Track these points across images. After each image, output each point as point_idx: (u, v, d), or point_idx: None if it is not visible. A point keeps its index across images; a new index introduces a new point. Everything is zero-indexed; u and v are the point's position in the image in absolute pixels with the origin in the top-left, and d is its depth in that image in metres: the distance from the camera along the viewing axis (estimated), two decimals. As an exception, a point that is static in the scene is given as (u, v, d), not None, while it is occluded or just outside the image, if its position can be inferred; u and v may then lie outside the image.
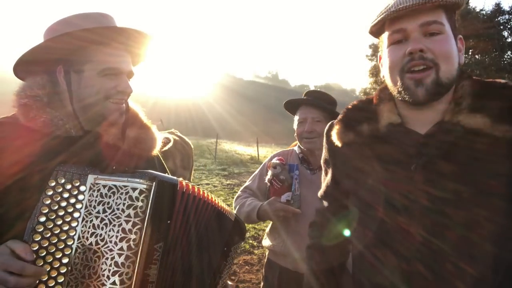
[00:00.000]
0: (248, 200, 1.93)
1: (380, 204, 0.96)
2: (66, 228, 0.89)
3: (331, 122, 1.14)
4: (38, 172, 0.92)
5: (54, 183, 0.90)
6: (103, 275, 0.86)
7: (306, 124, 1.89)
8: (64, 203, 0.90)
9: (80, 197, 0.91)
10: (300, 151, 2.00)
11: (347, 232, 1.13)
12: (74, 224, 0.90)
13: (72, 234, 0.89)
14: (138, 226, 0.89)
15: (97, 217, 0.90)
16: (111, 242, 0.88)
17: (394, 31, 0.93)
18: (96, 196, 0.91)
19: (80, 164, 0.95)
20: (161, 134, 1.28)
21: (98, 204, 0.90)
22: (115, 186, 0.91)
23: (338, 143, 1.07)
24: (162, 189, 0.93)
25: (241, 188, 2.12)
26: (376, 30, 1.01)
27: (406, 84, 0.91)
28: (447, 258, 0.85)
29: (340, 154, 1.09)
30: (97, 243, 0.88)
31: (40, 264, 0.85)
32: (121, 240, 0.88)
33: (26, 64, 1.04)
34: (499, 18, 23.25)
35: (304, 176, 1.90)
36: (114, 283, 0.86)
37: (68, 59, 1.03)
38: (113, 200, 0.90)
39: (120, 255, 0.87)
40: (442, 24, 0.89)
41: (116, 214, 0.89)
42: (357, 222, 1.06)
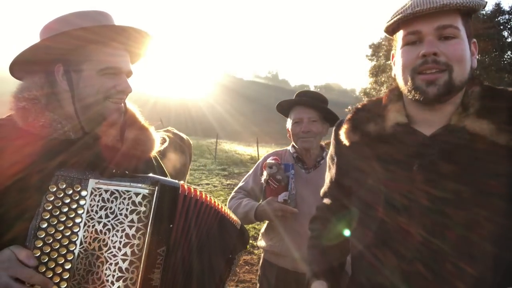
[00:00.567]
0: (244, 201, 1.93)
1: (380, 204, 0.96)
2: (68, 233, 0.88)
3: (340, 120, 1.16)
4: (38, 172, 0.92)
5: (55, 188, 0.89)
6: (107, 281, 0.86)
7: (302, 124, 1.91)
8: (66, 209, 0.89)
9: (82, 202, 0.90)
10: (295, 151, 2.01)
11: (347, 232, 1.13)
12: (76, 229, 0.89)
13: (74, 239, 0.88)
14: (142, 231, 0.89)
15: (99, 222, 0.89)
16: (114, 247, 0.88)
17: (409, 32, 0.93)
18: (98, 201, 0.90)
19: (80, 165, 0.95)
20: (157, 133, 1.28)
21: (100, 209, 0.90)
22: (117, 191, 0.91)
23: (346, 142, 1.08)
24: (164, 193, 0.93)
25: (235, 189, 2.11)
26: (391, 29, 1.01)
27: (417, 84, 0.91)
28: (447, 258, 0.85)
29: (345, 153, 1.11)
30: (100, 248, 0.88)
31: (42, 270, 0.85)
32: (124, 245, 0.88)
33: (23, 64, 1.03)
34: (499, 18, 23.25)
35: (299, 176, 1.91)
36: None
37: (67, 59, 1.02)
38: (115, 205, 0.90)
39: (124, 261, 0.87)
40: (457, 29, 0.89)
41: (119, 219, 0.89)
42: (357, 222, 1.06)
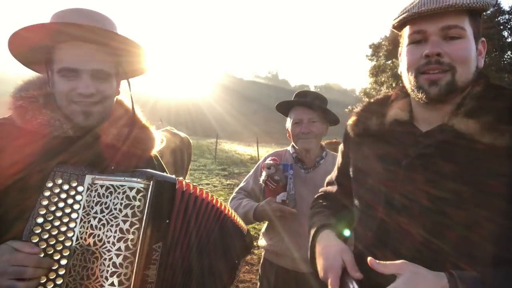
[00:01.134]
0: (244, 201, 1.94)
1: (380, 204, 0.96)
2: (64, 229, 0.88)
3: (354, 112, 1.19)
4: (38, 172, 0.92)
5: (51, 183, 0.89)
6: (102, 276, 0.85)
7: (302, 124, 1.91)
8: (62, 204, 0.89)
9: (78, 197, 0.90)
10: (294, 151, 2.02)
11: (347, 232, 1.13)
12: (72, 225, 0.89)
13: (70, 235, 0.88)
14: (136, 226, 0.88)
15: (95, 217, 0.89)
16: (109, 242, 0.87)
17: (414, 31, 0.93)
18: (94, 197, 0.90)
19: (80, 165, 0.95)
20: (158, 132, 1.28)
21: (96, 205, 0.89)
22: (112, 185, 0.90)
23: (351, 133, 1.13)
24: (160, 188, 0.92)
25: (235, 190, 2.13)
26: (399, 25, 1.01)
27: (420, 83, 0.92)
28: (447, 258, 0.85)
29: (352, 143, 1.15)
30: (95, 243, 0.87)
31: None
32: (118, 240, 0.86)
33: (28, 65, 1.04)
34: (499, 18, 23.25)
35: (299, 176, 1.92)
36: (112, 284, 0.85)
37: (49, 58, 1.02)
38: (110, 200, 0.89)
39: (118, 256, 0.86)
40: (463, 29, 0.89)
41: (113, 214, 0.88)
42: (357, 222, 1.06)
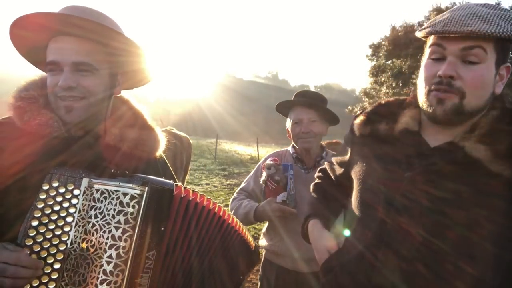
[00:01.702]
0: (245, 202, 1.94)
1: (380, 204, 0.96)
2: (59, 232, 0.87)
3: (362, 111, 1.18)
4: (38, 172, 0.92)
5: (47, 186, 0.88)
6: (92, 283, 0.83)
7: (302, 124, 1.91)
8: (58, 207, 0.87)
9: (74, 201, 0.88)
10: (294, 151, 2.02)
11: (347, 232, 1.13)
12: (67, 228, 0.87)
13: (65, 239, 0.87)
14: (129, 233, 0.84)
15: (89, 222, 0.87)
16: (100, 249, 0.84)
17: (436, 43, 0.92)
18: (89, 201, 0.88)
19: (80, 165, 0.94)
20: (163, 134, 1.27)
21: (91, 209, 0.88)
22: (107, 190, 0.88)
23: (356, 132, 1.12)
24: (156, 194, 0.88)
25: (236, 190, 2.13)
26: (423, 35, 1.00)
27: (430, 100, 0.92)
28: (447, 258, 0.85)
29: (355, 143, 1.14)
30: (88, 249, 0.85)
31: None
32: (110, 247, 0.84)
33: (34, 63, 1.04)
34: (499, 18, 23.18)
35: (299, 176, 1.92)
36: None
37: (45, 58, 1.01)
38: (104, 205, 0.87)
39: (108, 263, 0.83)
40: (485, 51, 0.86)
41: (106, 220, 0.86)
42: (357, 222, 1.06)
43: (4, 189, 0.90)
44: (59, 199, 0.88)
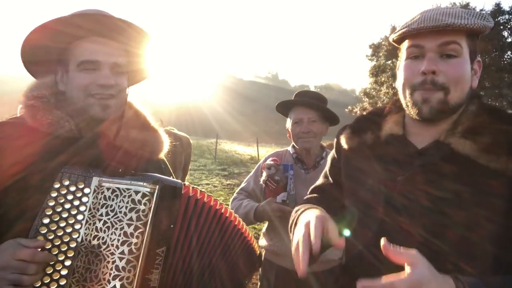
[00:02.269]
0: (245, 202, 1.95)
1: (380, 204, 0.97)
2: (70, 230, 0.89)
3: (345, 125, 1.19)
4: (38, 172, 0.92)
5: (58, 184, 0.89)
6: (104, 279, 0.85)
7: (302, 124, 1.92)
8: (68, 205, 0.89)
9: (84, 199, 0.90)
10: (294, 151, 2.02)
11: (347, 232, 1.13)
12: (78, 226, 0.89)
13: (75, 236, 0.89)
14: (140, 230, 0.87)
15: (100, 219, 0.89)
16: (112, 245, 0.86)
17: (412, 44, 0.95)
18: (100, 199, 0.90)
19: (81, 165, 0.95)
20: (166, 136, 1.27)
21: (102, 207, 0.89)
22: (118, 189, 0.90)
23: (345, 146, 1.12)
24: (166, 193, 0.91)
25: (236, 190, 2.13)
26: (398, 40, 1.03)
27: (414, 100, 0.94)
28: (447, 258, 0.85)
29: (344, 155, 1.13)
30: (99, 246, 0.87)
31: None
32: (122, 243, 0.86)
33: (29, 64, 1.05)
34: (499, 18, 23.23)
35: (299, 176, 1.92)
36: (114, 287, 0.84)
37: (63, 59, 1.03)
38: (116, 203, 0.89)
39: (121, 259, 0.85)
40: (460, 46, 0.90)
41: (118, 217, 0.88)
42: (357, 222, 1.06)
43: (4, 189, 0.90)
44: (70, 197, 0.90)
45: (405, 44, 0.98)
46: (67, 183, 0.90)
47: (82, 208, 0.90)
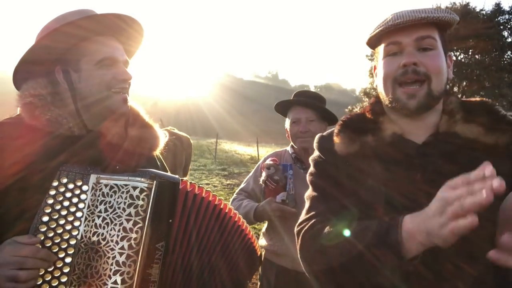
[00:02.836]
0: (244, 202, 1.96)
1: (380, 204, 0.96)
2: (69, 227, 0.89)
3: (321, 135, 1.16)
4: (39, 172, 0.92)
5: (56, 183, 0.90)
6: (105, 275, 0.86)
7: (300, 124, 1.92)
8: (67, 203, 0.90)
9: (83, 196, 0.91)
10: (293, 151, 2.02)
11: (347, 232, 1.13)
12: (77, 223, 0.90)
13: (75, 233, 0.89)
14: (139, 225, 0.88)
15: (99, 216, 0.89)
16: (112, 241, 0.87)
17: (390, 42, 0.98)
18: (98, 196, 0.91)
19: (81, 164, 0.95)
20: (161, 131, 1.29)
21: (100, 204, 0.90)
22: (116, 185, 0.91)
23: (341, 153, 1.07)
24: (163, 188, 0.92)
25: (236, 191, 2.14)
26: (373, 42, 1.06)
27: (397, 96, 0.96)
28: (447, 258, 0.85)
29: (342, 158, 1.10)
30: (99, 242, 0.88)
31: None
32: (122, 239, 0.87)
33: (26, 65, 1.05)
34: (499, 18, 23.25)
35: (298, 176, 1.92)
36: (115, 282, 0.85)
37: (65, 58, 1.04)
38: (114, 199, 0.90)
39: (121, 254, 0.86)
40: (435, 40, 0.97)
41: (117, 213, 0.89)
42: (357, 222, 1.05)
43: (4, 189, 0.91)
44: (68, 195, 0.91)
45: (380, 47, 1.02)
46: (65, 181, 0.91)
47: (81, 205, 0.91)
